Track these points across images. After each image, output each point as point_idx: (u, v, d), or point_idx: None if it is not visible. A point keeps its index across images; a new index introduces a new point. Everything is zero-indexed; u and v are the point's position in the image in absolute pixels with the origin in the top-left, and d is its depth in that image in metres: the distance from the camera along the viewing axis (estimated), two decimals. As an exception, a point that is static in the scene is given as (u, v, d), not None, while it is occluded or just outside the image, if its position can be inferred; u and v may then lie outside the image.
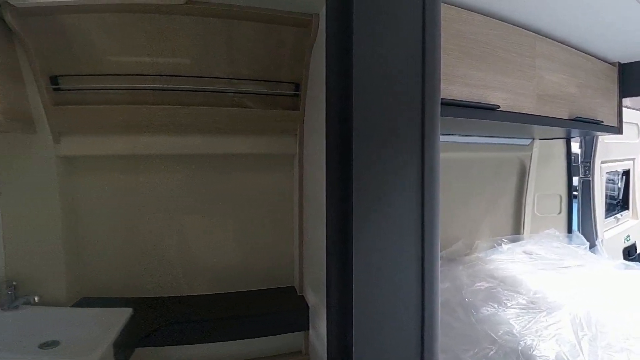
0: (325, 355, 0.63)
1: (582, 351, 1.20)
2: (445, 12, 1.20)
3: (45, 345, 1.33)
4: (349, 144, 0.56)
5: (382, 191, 0.59)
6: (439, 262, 0.63)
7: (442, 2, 0.63)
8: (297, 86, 1.63)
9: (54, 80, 1.46)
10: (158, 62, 1.52)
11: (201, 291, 1.72)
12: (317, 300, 1.46)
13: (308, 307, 1.56)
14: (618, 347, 1.20)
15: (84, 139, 1.56)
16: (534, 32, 1.52)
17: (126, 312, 1.47)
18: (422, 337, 0.61)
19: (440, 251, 0.65)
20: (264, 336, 1.60)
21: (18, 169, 1.51)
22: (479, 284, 1.69)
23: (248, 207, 1.78)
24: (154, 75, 1.52)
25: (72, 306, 1.54)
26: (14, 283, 1.44)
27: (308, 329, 1.58)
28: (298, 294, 1.71)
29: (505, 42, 1.41)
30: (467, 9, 1.30)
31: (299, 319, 1.55)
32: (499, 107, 1.36)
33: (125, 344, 1.35)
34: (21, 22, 1.32)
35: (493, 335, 1.32)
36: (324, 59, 0.62)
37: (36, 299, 1.43)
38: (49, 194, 1.53)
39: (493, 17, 1.38)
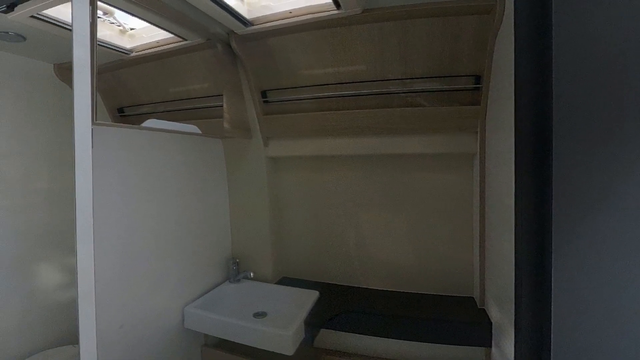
0: (513, 381, 0.56)
1: None
2: None
3: (257, 315, 1.68)
4: (547, 142, 0.48)
5: (594, 197, 0.47)
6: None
7: None
8: (478, 79, 1.49)
9: (263, 94, 1.82)
10: (339, 72, 1.67)
11: (376, 285, 1.80)
12: (501, 316, 1.30)
13: (491, 323, 1.41)
14: None
15: (284, 143, 1.88)
16: None
17: (314, 295, 1.69)
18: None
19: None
20: (440, 343, 1.54)
21: (240, 168, 1.95)
22: None
23: (423, 209, 1.74)
24: (336, 83, 1.69)
25: (276, 283, 1.88)
26: (237, 260, 1.88)
27: (490, 346, 1.42)
28: (478, 307, 1.56)
29: None
30: None
31: (480, 334, 1.41)
32: None
33: (314, 323, 1.55)
34: (241, 46, 1.68)
35: None
36: (511, 46, 0.54)
37: (252, 274, 1.83)
38: (260, 189, 1.92)
39: None
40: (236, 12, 1.44)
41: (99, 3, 1.11)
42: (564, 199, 0.48)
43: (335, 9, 1.41)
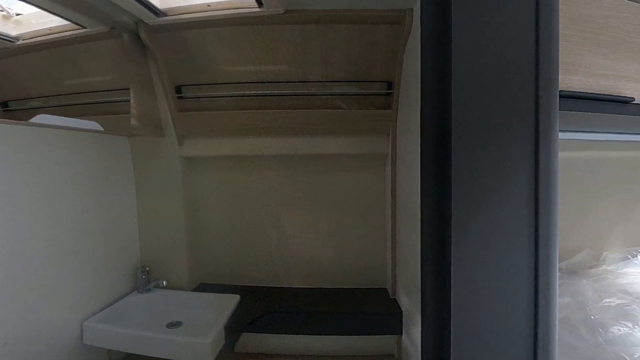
0: (421, 362, 0.61)
1: None
2: (565, -7, 1.05)
3: (171, 325, 1.56)
4: (447, 143, 0.54)
5: (486, 193, 0.54)
6: (557, 274, 0.56)
7: (562, -18, 0.55)
8: (390, 85, 1.60)
9: (178, 89, 1.70)
10: (261, 70, 1.65)
11: (298, 284, 1.82)
12: (410, 305, 1.42)
13: (401, 311, 1.53)
14: None
15: (201, 142, 1.78)
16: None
17: (235, 299, 1.64)
18: (535, 355, 0.55)
19: (559, 262, 0.58)
20: (357, 335, 1.62)
21: (150, 168, 1.80)
22: (608, 300, 1.46)
23: (342, 207, 1.82)
24: (257, 82, 1.66)
25: (192, 291, 1.78)
26: (147, 269, 1.73)
27: (401, 334, 1.54)
28: (390, 297, 1.69)
29: (645, 21, 1.17)
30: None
31: (392, 323, 1.53)
32: (633, 99, 1.15)
33: (234, 328, 1.50)
34: (152, 37, 1.54)
35: (627, 358, 1.14)
36: (418, 55, 0.59)
37: (164, 283, 1.69)
38: (174, 191, 1.80)
39: (626, -3, 1.17)
40: (145, 0, 1.33)
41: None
42: (460, 197, 0.54)
43: (257, 6, 1.39)
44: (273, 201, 1.84)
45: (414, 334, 1.38)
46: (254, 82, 1.66)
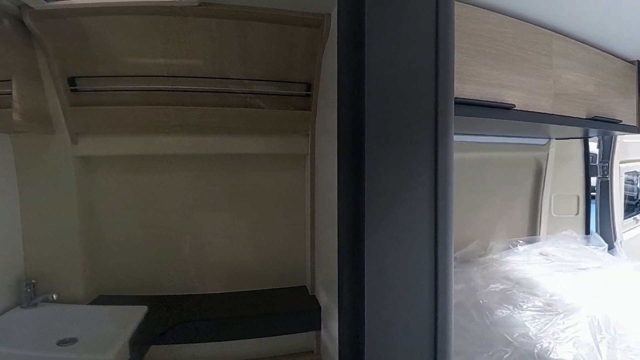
0: (337, 356, 0.63)
1: (600, 354, 1.18)
2: (459, 10, 1.18)
3: (63, 343, 1.36)
4: (361, 144, 0.56)
5: (394, 191, 0.58)
6: (453, 263, 0.63)
7: (456, 0, 0.62)
8: (309, 86, 1.63)
9: (71, 81, 1.50)
10: (173, 64, 1.54)
11: (214, 290, 1.74)
12: (328, 300, 1.46)
13: (320, 308, 1.56)
14: (637, 350, 1.17)
15: (101, 140, 1.59)
16: (551, 30, 1.49)
17: (141, 310, 1.50)
18: (435, 339, 0.61)
19: (454, 252, 0.64)
20: (275, 335, 1.61)
21: (37, 169, 1.55)
22: (493, 286, 1.66)
23: (261, 207, 1.79)
24: (169, 76, 1.55)
25: (90, 304, 1.58)
26: (33, 281, 1.48)
27: (320, 329, 1.58)
28: (310, 294, 1.71)
29: (521, 40, 1.38)
30: (481, 7, 1.28)
31: (310, 319, 1.55)
32: (514, 106, 1.33)
33: (141, 341, 1.37)
34: (40, 24, 1.35)
35: (508, 337, 1.30)
36: (336, 58, 0.61)
37: (54, 296, 1.47)
38: (66, 194, 1.57)
39: (508, 15, 1.36)
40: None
41: None
42: (373, 194, 0.57)
43: (168, -5, 1.30)
44: (187, 203, 1.73)
45: (332, 329, 1.42)
46: (165, 76, 1.54)
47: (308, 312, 1.56)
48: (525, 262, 1.97)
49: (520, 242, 2.20)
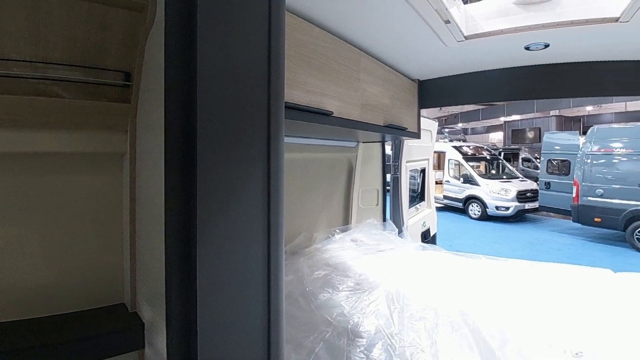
0: (166, 373, 0.58)
1: (393, 322, 1.46)
2: (289, 20, 1.26)
3: None
4: (192, 144, 0.53)
5: (228, 191, 0.57)
6: (284, 257, 0.66)
7: (286, 11, 0.65)
8: (128, 76, 1.42)
9: None
10: None
11: (5, 318, 1.31)
12: (154, 315, 1.31)
13: (143, 324, 1.39)
14: (418, 316, 1.50)
15: None
16: (359, 49, 1.76)
17: None
18: (269, 333, 0.63)
19: (284, 246, 0.68)
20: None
21: None
22: (317, 273, 1.84)
23: (63, 216, 1.44)
24: None
25: None
26: None
27: (144, 347, 1.40)
28: (130, 311, 1.50)
29: (338, 55, 1.58)
30: (308, 21, 1.40)
31: (131, 338, 1.36)
32: (332, 113, 1.51)
33: None
34: None
35: (329, 318, 1.47)
36: (162, 49, 0.56)
37: None
38: None
39: (329, 32, 1.53)
40: None
41: None
42: (205, 195, 0.55)
43: None
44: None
45: (158, 345, 1.28)
46: None
47: (128, 331, 1.36)
48: (340, 248, 2.27)
49: (337, 231, 2.52)
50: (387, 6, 1.40)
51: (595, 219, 6.76)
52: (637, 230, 6.25)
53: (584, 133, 7.63)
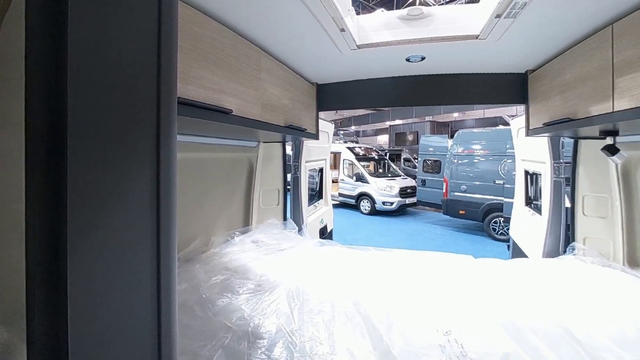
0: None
1: (294, 319, 1.49)
2: (183, 11, 1.18)
3: None
4: (61, 142, 0.46)
5: (108, 194, 0.51)
6: (177, 264, 0.62)
7: (180, 0, 0.61)
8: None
9: None
10: None
11: None
12: (10, 336, 1.09)
13: (-6, 352, 1.15)
14: (316, 310, 1.55)
15: None
16: (260, 49, 1.75)
17: None
18: (159, 347, 0.58)
19: (177, 253, 0.64)
20: None
21: None
22: (215, 278, 1.76)
23: None
24: None
25: None
26: None
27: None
28: (-25, 339, 1.22)
29: (238, 52, 1.54)
30: (204, 13, 1.33)
31: (-24, 373, 1.11)
32: (232, 111, 1.47)
33: None
34: None
35: (228, 323, 1.42)
36: (22, 33, 0.47)
37: None
38: None
39: (227, 27, 1.48)
40: None
41: None
42: (79, 200, 0.48)
43: None
44: None
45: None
46: None
47: (-30, 366, 1.11)
48: (240, 251, 2.22)
49: (237, 233, 2.46)
50: (287, 8, 1.42)
51: (461, 212, 7.88)
52: (493, 221, 7.43)
53: (452, 136, 8.76)
